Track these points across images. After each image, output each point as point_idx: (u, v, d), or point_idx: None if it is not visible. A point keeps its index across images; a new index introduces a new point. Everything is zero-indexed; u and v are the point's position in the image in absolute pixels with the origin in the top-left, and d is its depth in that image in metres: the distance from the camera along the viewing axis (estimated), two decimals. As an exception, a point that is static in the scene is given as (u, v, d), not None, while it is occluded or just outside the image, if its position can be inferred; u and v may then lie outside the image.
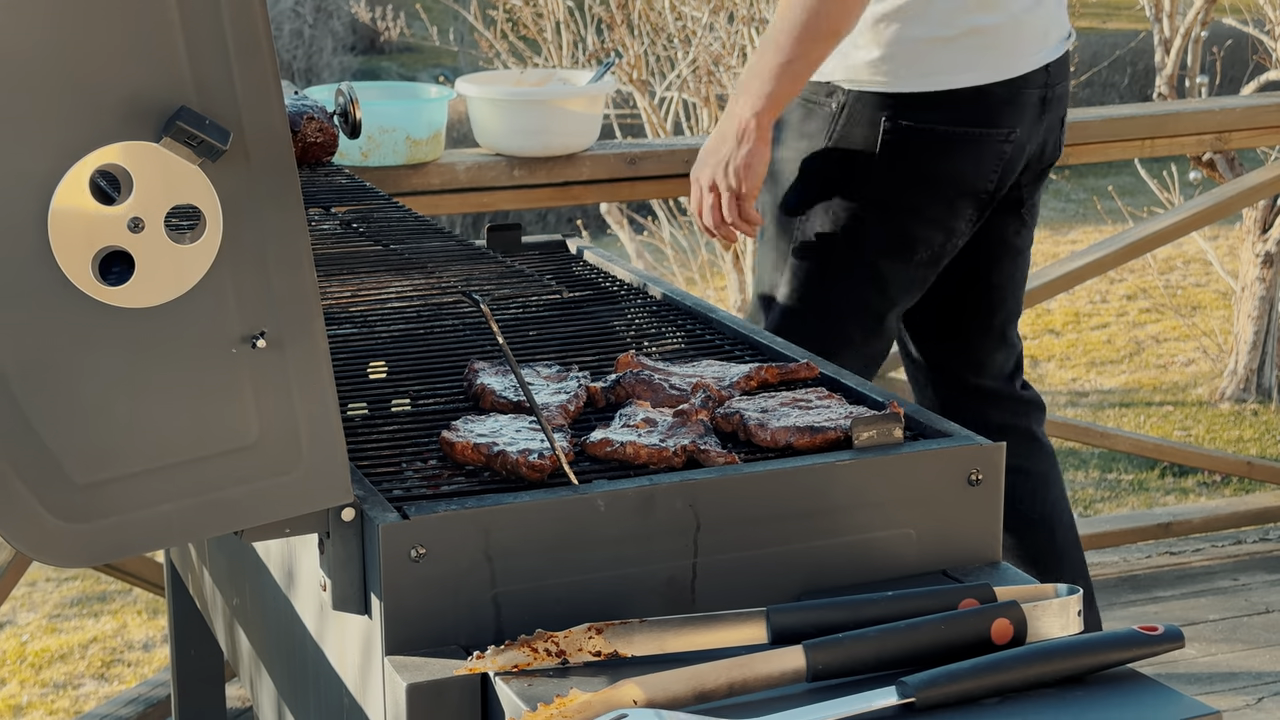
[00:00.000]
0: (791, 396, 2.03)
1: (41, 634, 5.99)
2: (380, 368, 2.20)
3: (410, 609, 1.71)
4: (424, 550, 1.70)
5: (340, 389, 2.08)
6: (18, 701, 5.45)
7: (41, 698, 5.57)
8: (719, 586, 1.81)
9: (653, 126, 7.44)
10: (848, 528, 1.84)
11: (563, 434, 1.91)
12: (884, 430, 1.87)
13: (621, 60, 7.46)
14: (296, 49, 13.52)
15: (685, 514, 1.78)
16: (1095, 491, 7.11)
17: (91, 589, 6.42)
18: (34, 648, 5.88)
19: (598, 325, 2.41)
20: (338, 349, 2.25)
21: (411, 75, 12.86)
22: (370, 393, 2.13)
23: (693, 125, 7.64)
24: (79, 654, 5.91)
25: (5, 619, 6.20)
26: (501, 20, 7.86)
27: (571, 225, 10.15)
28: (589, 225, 9.27)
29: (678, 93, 7.55)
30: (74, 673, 5.76)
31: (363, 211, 2.18)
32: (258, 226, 1.60)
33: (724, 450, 1.87)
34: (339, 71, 13.52)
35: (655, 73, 7.71)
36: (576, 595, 1.76)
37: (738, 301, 7.80)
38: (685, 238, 8.26)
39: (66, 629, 6.07)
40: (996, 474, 1.88)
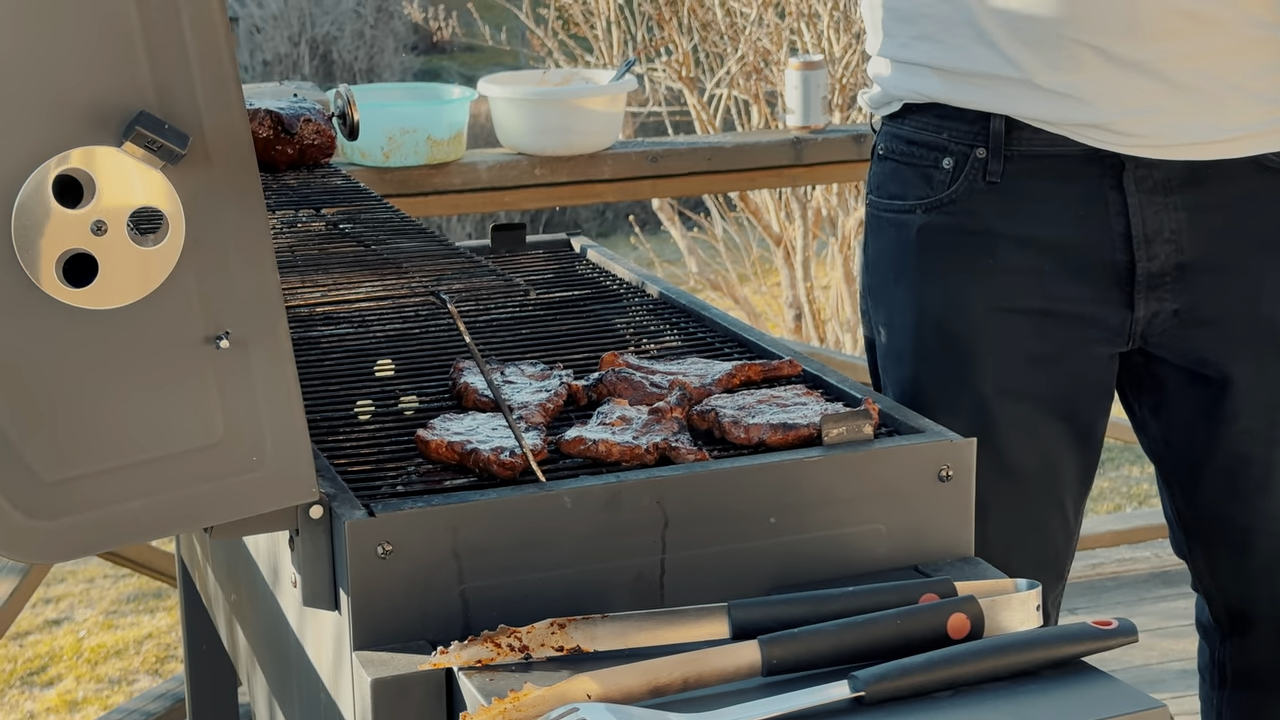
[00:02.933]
0: (770, 394, 2.04)
1: (98, 630, 6.07)
2: (372, 366, 2.23)
3: (378, 605, 1.74)
4: (390, 547, 1.73)
5: (331, 388, 2.11)
6: (74, 697, 5.53)
7: (97, 693, 5.64)
8: (688, 583, 1.83)
9: (702, 124, 7.46)
10: (817, 524, 1.86)
11: (538, 432, 1.93)
12: (853, 427, 1.88)
13: (671, 57, 7.48)
14: (358, 49, 13.60)
15: (653, 510, 1.80)
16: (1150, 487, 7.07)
17: (148, 586, 6.49)
18: (90, 644, 5.96)
19: (593, 323, 2.43)
20: (331, 348, 2.28)
21: (472, 75, 12.92)
22: (359, 391, 2.16)
23: (743, 122, 7.65)
24: (134, 650, 5.98)
25: (63, 615, 6.29)
26: (552, 19, 7.90)
27: (626, 221, 10.18)
28: (643, 221, 9.29)
29: (727, 89, 7.56)
30: (129, 668, 5.83)
31: (352, 212, 2.21)
32: (220, 228, 1.62)
33: (695, 447, 1.89)
34: (399, 72, 13.59)
35: (705, 69, 7.72)
36: (545, 591, 1.78)
37: (789, 298, 7.82)
38: (738, 234, 8.27)
39: (123, 625, 6.15)
40: (966, 470, 1.89)
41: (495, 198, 3.74)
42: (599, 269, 2.70)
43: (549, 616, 1.73)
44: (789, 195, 7.45)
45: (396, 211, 2.20)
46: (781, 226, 7.59)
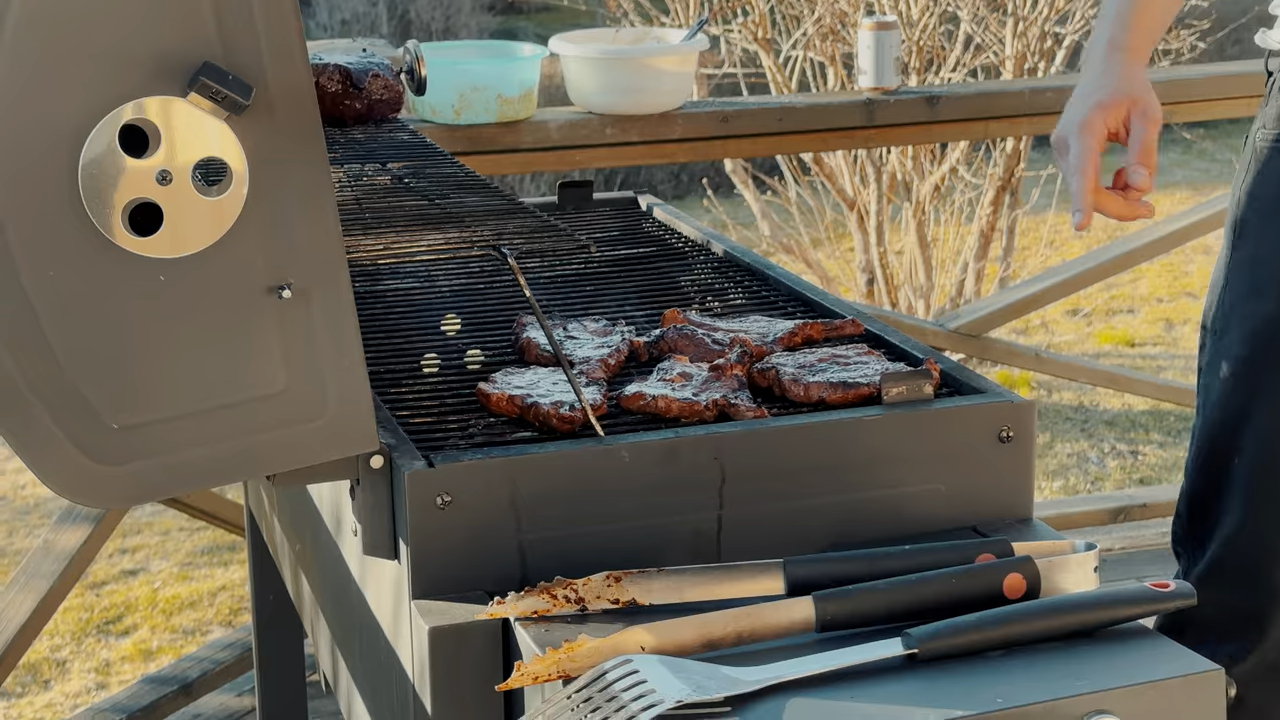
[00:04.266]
0: (831, 353, 2.04)
1: (173, 581, 6.12)
2: (437, 320, 2.24)
3: (436, 555, 1.75)
4: (449, 498, 1.74)
5: (395, 341, 2.13)
6: (148, 646, 5.58)
7: (171, 643, 5.70)
8: (744, 539, 1.83)
9: (777, 85, 7.44)
10: (875, 483, 1.86)
11: (598, 387, 1.94)
12: (914, 386, 1.88)
13: (747, 18, 7.46)
14: (435, 10, 13.60)
15: (710, 467, 1.81)
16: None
17: (222, 539, 6.54)
18: (165, 594, 6.01)
19: (657, 281, 2.43)
20: (396, 302, 2.29)
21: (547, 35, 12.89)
22: (424, 345, 2.17)
23: (819, 84, 7.62)
24: (208, 601, 6.03)
25: (139, 566, 6.35)
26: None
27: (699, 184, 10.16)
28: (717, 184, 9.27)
29: (803, 51, 7.53)
30: (202, 619, 5.88)
31: (418, 167, 2.22)
32: (283, 179, 1.64)
33: (754, 405, 1.89)
34: (476, 31, 13.58)
35: (781, 31, 7.69)
36: (602, 544, 1.79)
37: (862, 262, 7.79)
38: (811, 198, 8.25)
39: (197, 577, 6.20)
40: (1027, 431, 1.89)
41: (566, 156, 3.74)
42: (665, 227, 2.71)
43: (605, 570, 1.74)
44: (864, 159, 7.43)
45: (462, 167, 2.21)
46: (855, 190, 7.57)
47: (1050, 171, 8.42)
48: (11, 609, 3.35)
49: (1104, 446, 6.95)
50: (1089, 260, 4.64)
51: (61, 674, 4.86)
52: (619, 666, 1.54)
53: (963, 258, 7.81)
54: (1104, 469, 6.71)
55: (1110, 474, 6.66)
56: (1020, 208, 7.92)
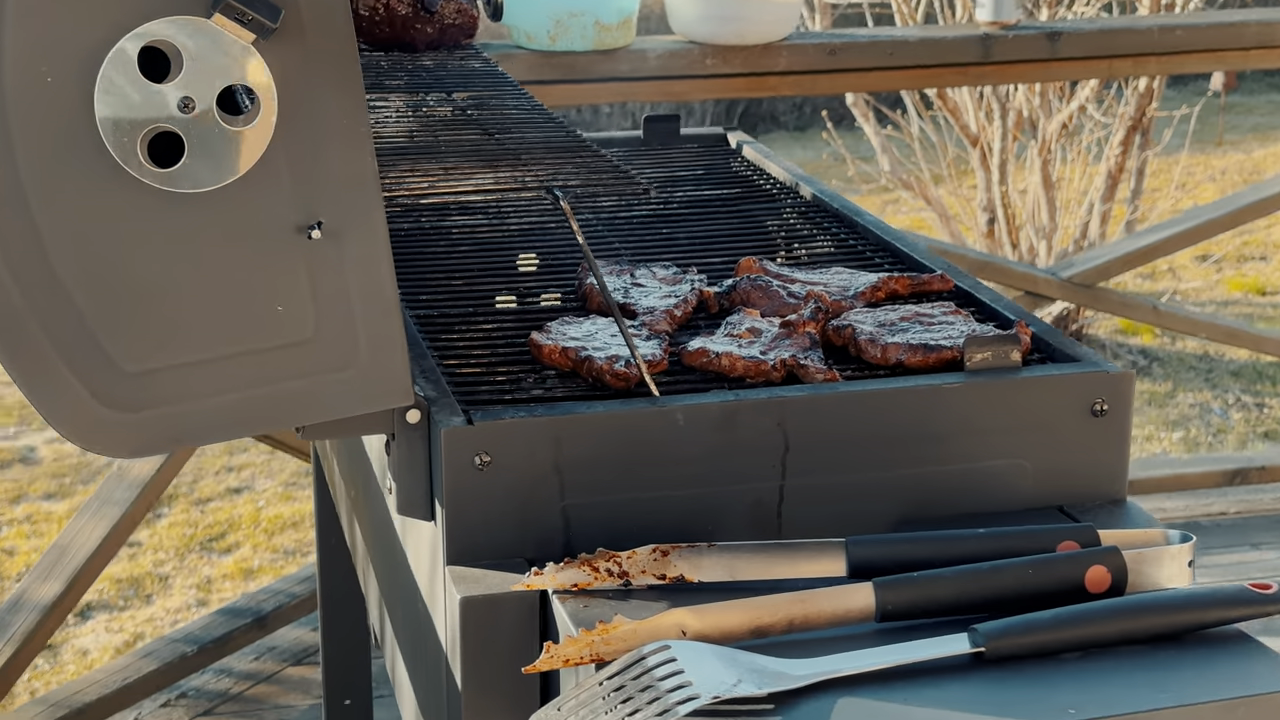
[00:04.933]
0: (914, 311, 1.89)
1: (276, 501, 6.09)
2: (500, 261, 2.12)
3: (473, 518, 1.63)
4: (489, 458, 1.62)
5: (454, 282, 2.00)
6: (249, 565, 5.55)
7: (271, 562, 5.66)
8: (808, 513, 1.70)
9: (902, 17, 7.23)
10: (954, 456, 1.72)
11: (659, 341, 1.81)
12: (1000, 352, 1.73)
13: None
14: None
15: (773, 434, 1.67)
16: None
17: (327, 460, 6.51)
18: (268, 514, 5.98)
19: (738, 225, 2.29)
20: (461, 239, 2.17)
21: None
22: (485, 287, 2.05)
23: (946, 18, 7.40)
24: (309, 522, 5.99)
25: (244, 485, 6.32)
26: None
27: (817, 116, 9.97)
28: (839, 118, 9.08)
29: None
30: (303, 540, 5.85)
31: (484, 98, 2.09)
32: (315, 110, 1.51)
33: (825, 366, 1.75)
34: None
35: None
36: (652, 513, 1.66)
37: (983, 201, 7.59)
38: (934, 132, 8.04)
39: (300, 498, 6.16)
40: (1124, 405, 1.74)
41: (664, 87, 3.60)
42: (753, 167, 2.56)
43: (655, 541, 1.61)
44: (989, 95, 7.21)
45: (529, 98, 2.08)
46: (980, 127, 7.35)
47: (1184, 111, 8.16)
48: (83, 536, 3.28)
49: (1228, 398, 6.72)
50: (1221, 207, 4.43)
51: (164, 589, 4.82)
52: (656, 653, 1.41)
53: (1089, 199, 7.57)
54: (1227, 421, 6.49)
55: (1234, 427, 6.44)
56: (1151, 148, 7.67)
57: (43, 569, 3.17)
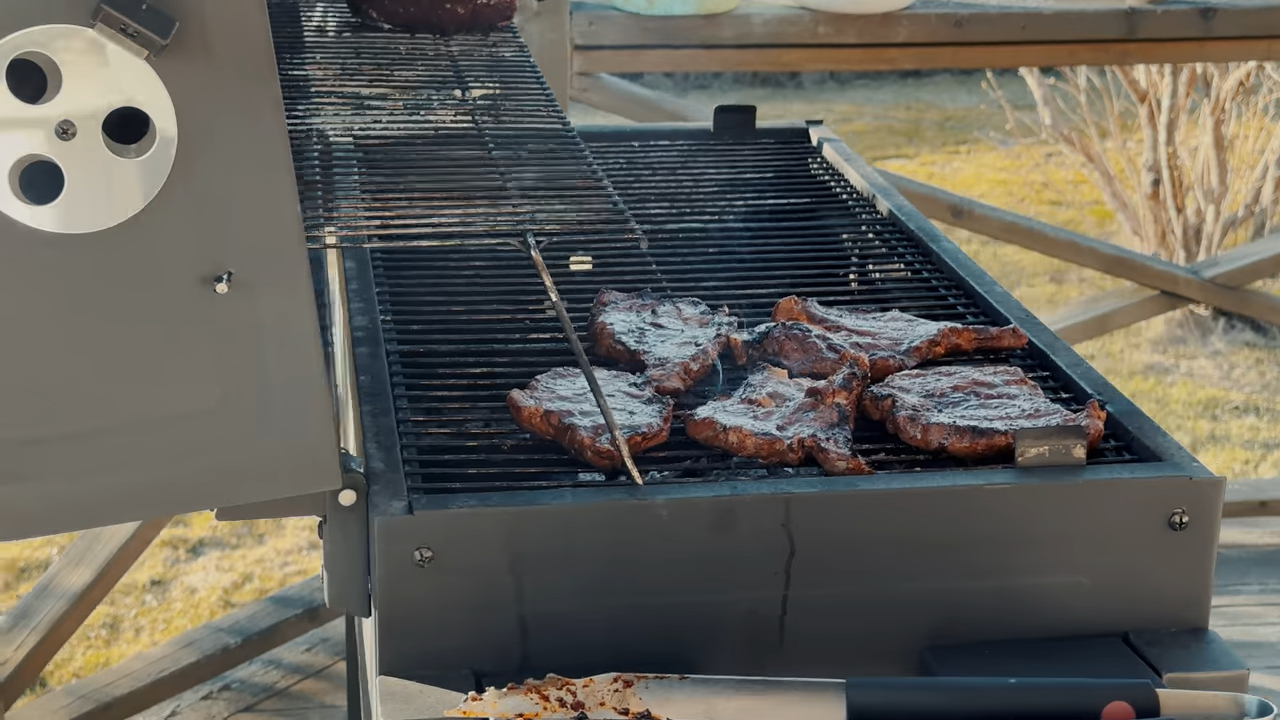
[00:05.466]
0: (972, 379, 1.61)
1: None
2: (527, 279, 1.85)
3: (413, 622, 1.38)
4: (431, 554, 1.36)
5: (456, 312, 1.75)
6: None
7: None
8: (818, 630, 1.43)
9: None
10: (996, 569, 1.43)
11: (660, 406, 1.54)
12: (1059, 447, 1.44)
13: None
14: None
15: (776, 535, 1.40)
16: None
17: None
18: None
19: (797, 246, 2.01)
20: (473, 255, 1.91)
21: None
22: (488, 315, 1.79)
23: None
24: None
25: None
26: None
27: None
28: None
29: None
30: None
31: (501, 98, 1.82)
32: (224, 138, 1.26)
33: (848, 453, 1.47)
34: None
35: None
36: (630, 626, 1.40)
37: (1149, 160, 7.18)
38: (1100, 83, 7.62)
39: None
40: (1209, 517, 1.44)
41: (771, 56, 3.30)
42: (832, 170, 2.27)
43: (632, 658, 1.36)
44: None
45: (552, 103, 1.80)
46: (1150, 82, 6.93)
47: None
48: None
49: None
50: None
51: (277, 530, 4.61)
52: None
53: (1264, 161, 7.13)
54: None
55: None
56: (1336, 109, 7.20)
57: (73, 555, 2.97)
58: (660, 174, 2.22)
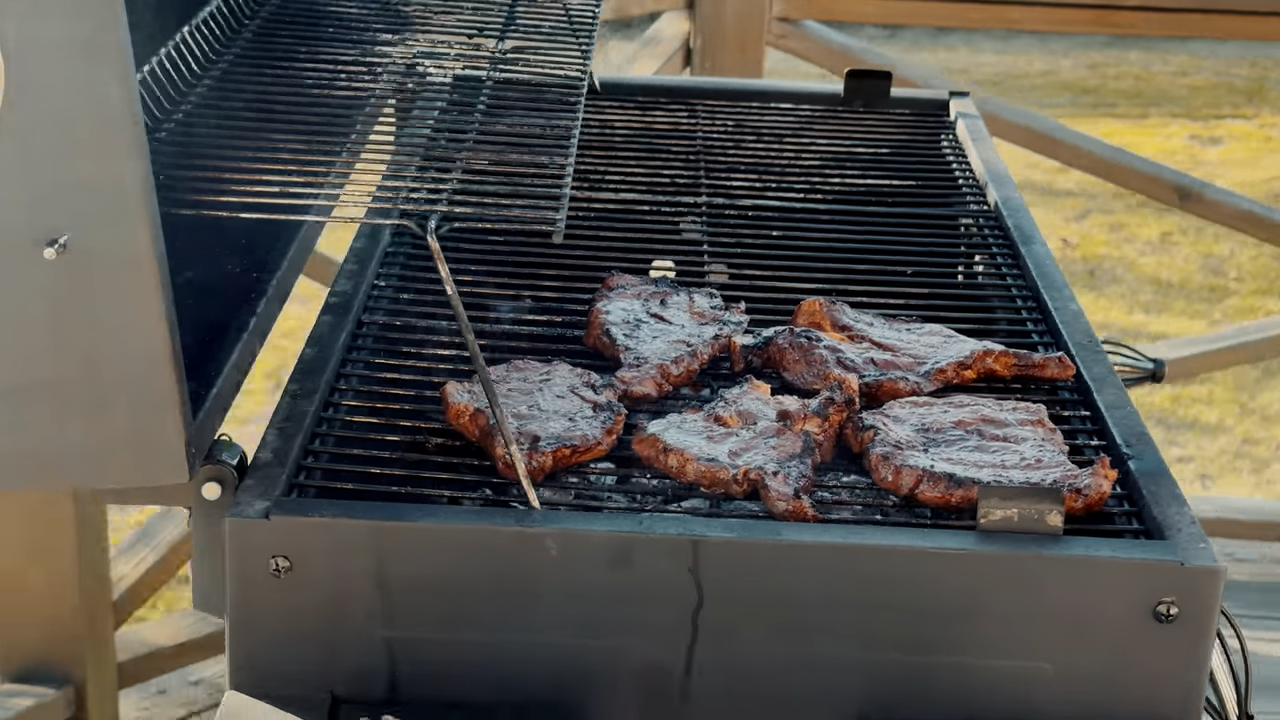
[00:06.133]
0: (982, 413, 1.40)
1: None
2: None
3: (267, 635, 1.24)
4: (288, 564, 1.22)
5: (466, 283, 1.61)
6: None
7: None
8: (730, 690, 1.25)
9: None
10: (945, 644, 1.23)
11: (609, 416, 1.37)
12: (1030, 511, 1.23)
13: None
14: None
15: (682, 581, 1.22)
16: None
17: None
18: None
19: (877, 235, 1.80)
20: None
21: None
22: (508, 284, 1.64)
23: None
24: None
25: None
26: None
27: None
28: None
29: None
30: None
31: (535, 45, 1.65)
32: (59, 85, 1.12)
33: (791, 491, 1.28)
34: None
35: None
36: (512, 664, 1.24)
37: None
38: None
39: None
40: (1203, 611, 1.22)
41: (995, 12, 3.07)
42: (958, 149, 2.04)
43: (518, 696, 1.22)
44: None
45: (580, 52, 1.62)
46: None
47: None
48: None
49: None
50: None
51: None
52: None
53: None
54: None
55: None
56: None
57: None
58: (763, 141, 2.03)
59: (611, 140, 2.01)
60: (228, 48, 1.60)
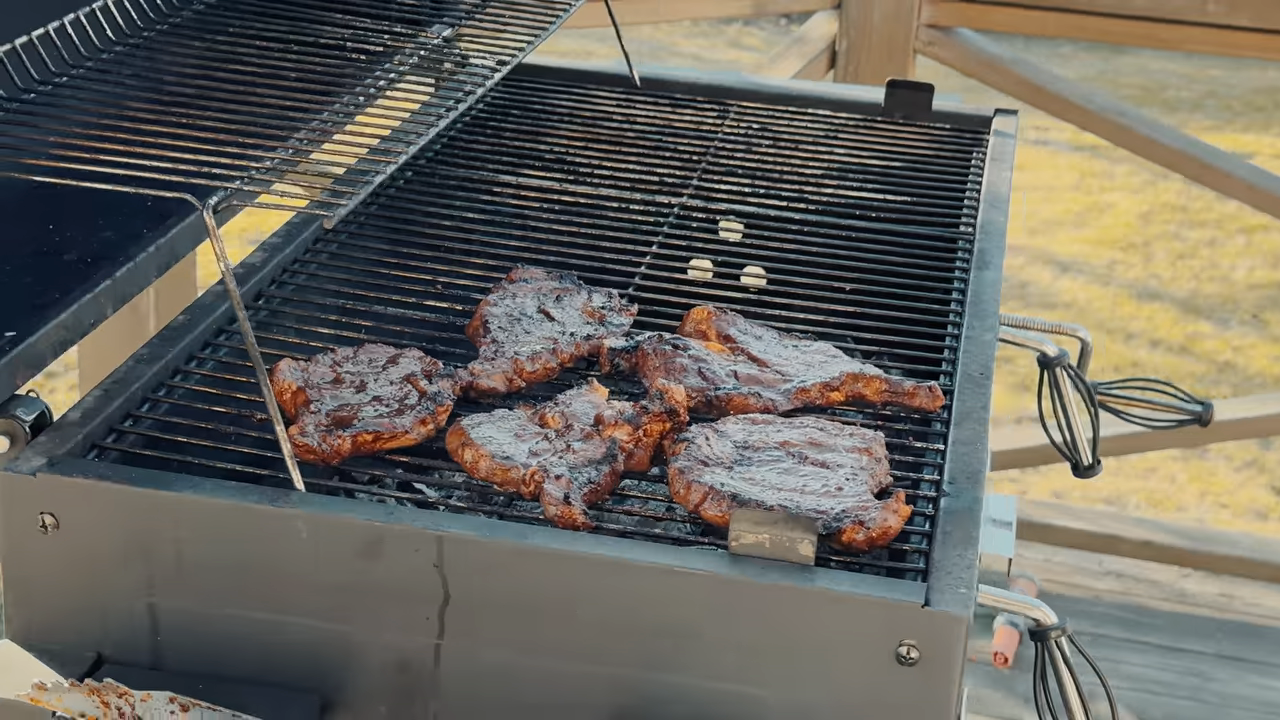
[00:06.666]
0: (812, 436, 1.36)
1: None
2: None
3: (36, 589, 1.29)
4: (54, 521, 1.26)
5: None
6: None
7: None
8: (475, 693, 1.24)
9: None
10: (686, 668, 1.21)
11: (425, 407, 1.37)
12: (782, 539, 1.20)
13: None
14: None
15: (429, 577, 1.22)
16: None
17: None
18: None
19: (839, 246, 1.76)
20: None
21: None
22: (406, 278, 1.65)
23: None
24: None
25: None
26: None
27: None
28: None
29: None
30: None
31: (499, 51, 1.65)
32: None
33: (561, 496, 1.26)
34: None
35: None
36: (271, 643, 1.26)
37: None
38: None
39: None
40: (946, 656, 1.17)
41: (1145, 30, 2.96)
42: (980, 168, 1.98)
43: (278, 675, 1.24)
44: None
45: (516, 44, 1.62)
46: None
47: None
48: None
49: None
50: None
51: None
52: None
53: None
54: None
55: None
56: None
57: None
58: (778, 147, 2.00)
59: (620, 135, 2.00)
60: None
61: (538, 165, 1.92)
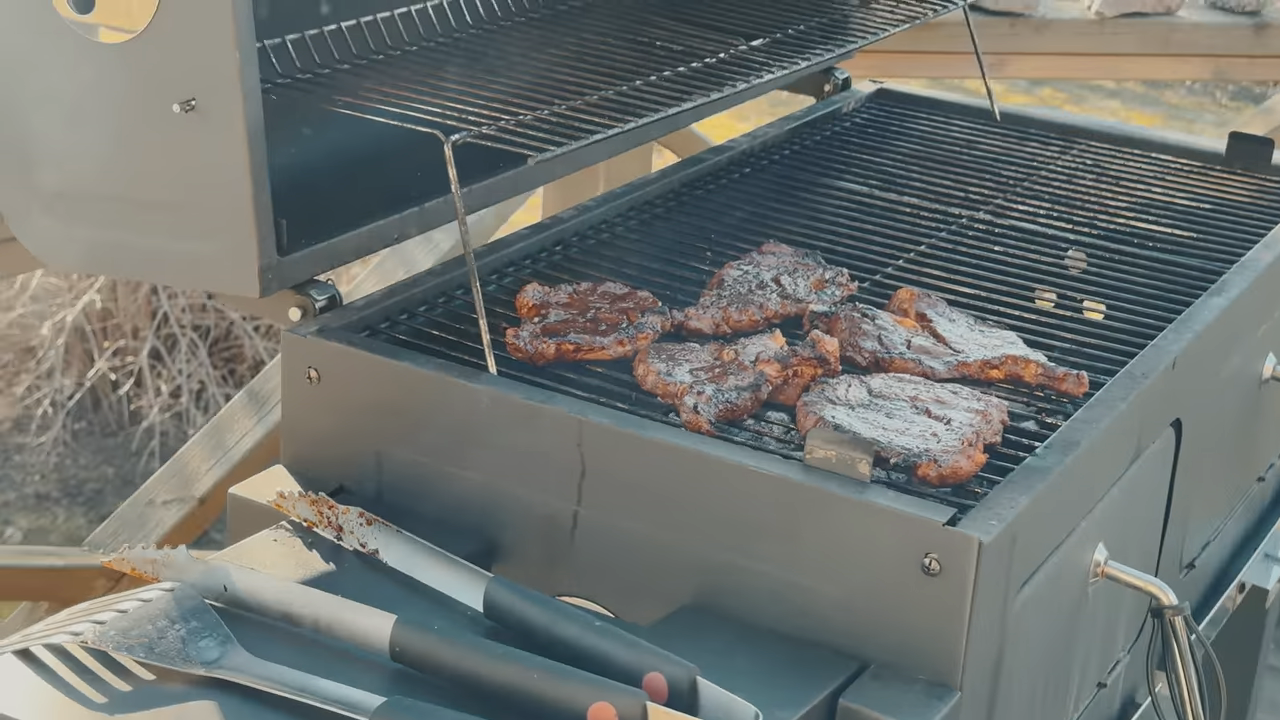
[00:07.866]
0: (938, 395, 1.58)
1: None
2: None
3: (303, 428, 1.64)
4: (316, 375, 1.61)
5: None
6: None
7: None
8: (600, 551, 1.52)
9: None
10: (757, 554, 1.45)
11: (626, 330, 1.65)
12: (846, 457, 1.43)
13: None
14: None
15: (570, 453, 1.51)
16: None
17: None
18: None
19: (1113, 265, 1.95)
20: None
21: None
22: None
23: None
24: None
25: None
26: None
27: None
28: None
29: None
30: None
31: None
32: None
33: (693, 408, 1.53)
34: None
35: None
36: (458, 490, 1.57)
37: None
38: None
39: None
40: (962, 573, 1.38)
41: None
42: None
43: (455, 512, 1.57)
44: None
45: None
46: None
47: None
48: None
49: None
50: None
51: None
52: (143, 594, 1.39)
53: None
54: None
55: None
56: None
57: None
58: (1101, 182, 2.16)
59: (951, 156, 2.22)
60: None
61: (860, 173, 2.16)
